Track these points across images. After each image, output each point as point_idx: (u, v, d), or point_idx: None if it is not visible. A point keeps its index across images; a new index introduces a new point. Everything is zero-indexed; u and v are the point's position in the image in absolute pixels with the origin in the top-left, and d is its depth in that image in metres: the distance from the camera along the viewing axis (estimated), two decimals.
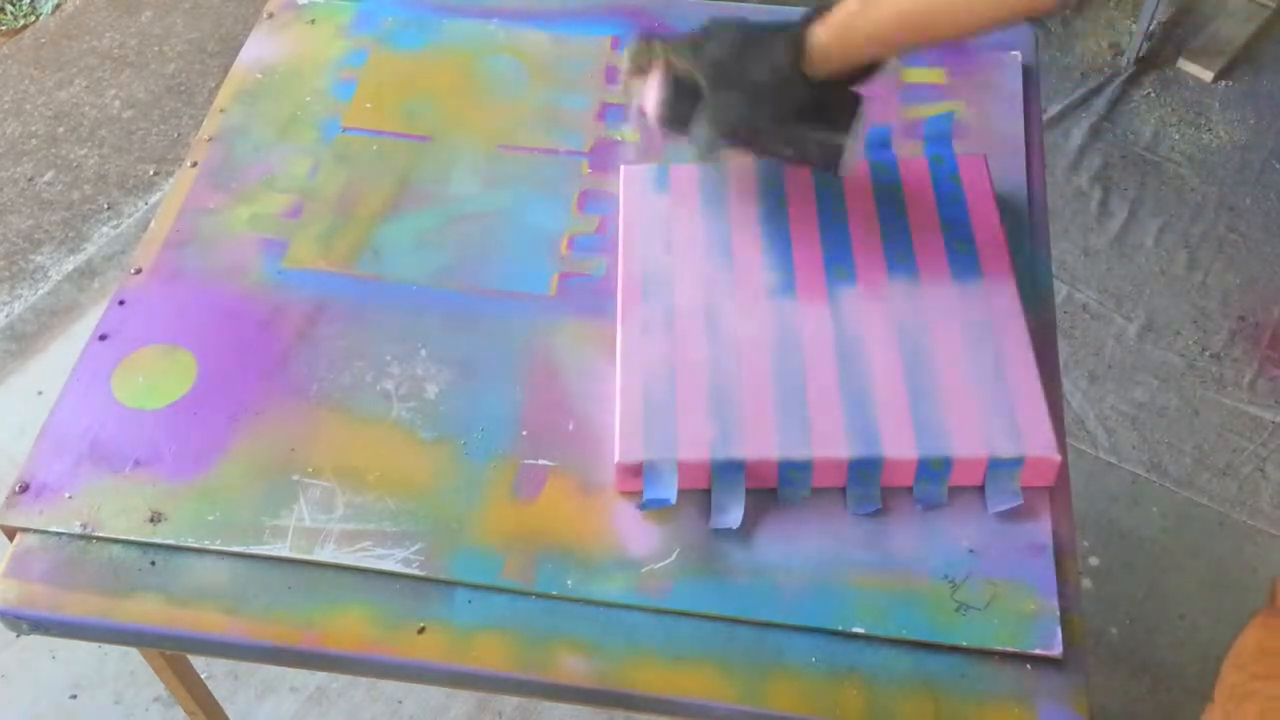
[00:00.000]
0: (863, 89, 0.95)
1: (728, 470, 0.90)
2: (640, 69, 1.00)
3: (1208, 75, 2.36)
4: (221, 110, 1.22)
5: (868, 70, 0.94)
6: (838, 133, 0.95)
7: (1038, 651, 0.84)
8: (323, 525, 0.92)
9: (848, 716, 0.82)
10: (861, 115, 0.95)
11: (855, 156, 0.96)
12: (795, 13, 0.92)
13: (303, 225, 1.11)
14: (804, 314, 0.99)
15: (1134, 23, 2.43)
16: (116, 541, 0.92)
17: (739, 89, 0.93)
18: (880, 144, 1.14)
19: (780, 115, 0.94)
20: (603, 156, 1.16)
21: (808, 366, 0.95)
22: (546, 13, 1.30)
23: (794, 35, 0.91)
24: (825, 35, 0.90)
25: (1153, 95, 2.35)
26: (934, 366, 0.95)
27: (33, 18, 2.55)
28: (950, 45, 1.05)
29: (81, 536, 0.92)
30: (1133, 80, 2.37)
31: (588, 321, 1.03)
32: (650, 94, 0.99)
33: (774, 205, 1.07)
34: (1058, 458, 0.90)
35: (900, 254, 1.03)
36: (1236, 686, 0.84)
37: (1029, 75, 1.22)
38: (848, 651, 0.85)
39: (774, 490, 0.92)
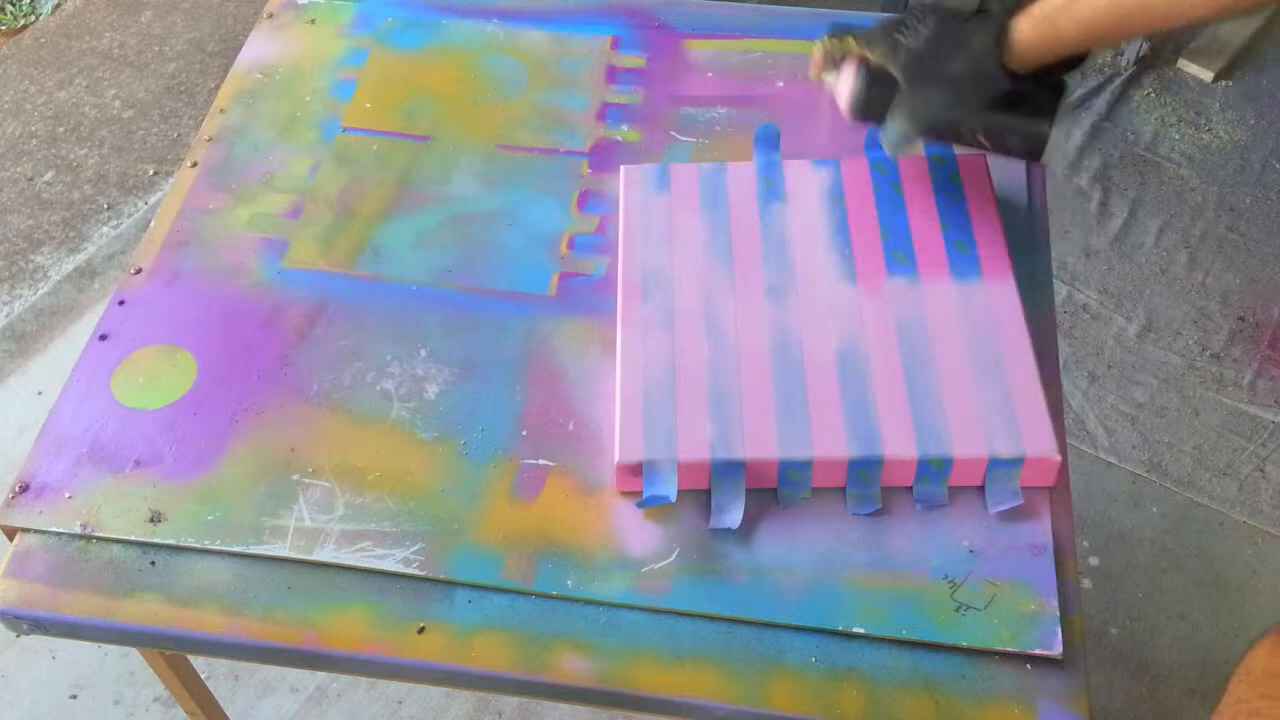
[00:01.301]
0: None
1: (728, 470, 0.90)
2: (832, 61, 1.01)
3: (1208, 75, 2.36)
4: (221, 110, 1.22)
5: (1071, 60, 0.93)
6: (1040, 121, 0.95)
7: (1038, 651, 0.84)
8: (323, 525, 0.92)
9: (848, 716, 0.82)
10: (1065, 103, 0.94)
11: (1056, 144, 0.96)
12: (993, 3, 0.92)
13: (303, 225, 1.11)
14: (804, 314, 0.99)
15: None
16: (116, 541, 0.92)
17: (938, 81, 0.93)
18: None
19: (980, 106, 0.94)
20: (603, 156, 1.16)
21: (808, 366, 0.95)
22: (546, 13, 1.30)
23: (995, 27, 0.90)
24: (1029, 28, 0.89)
25: (1153, 95, 2.35)
26: (934, 366, 0.95)
27: (33, 18, 2.55)
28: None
29: (81, 536, 0.92)
30: (1133, 80, 2.37)
31: (588, 321, 1.03)
32: (843, 86, 1.00)
33: (774, 205, 1.07)
34: (1058, 458, 0.90)
35: (900, 254, 1.03)
36: (1243, 703, 0.85)
37: None
38: (848, 651, 0.85)
39: (774, 490, 0.92)
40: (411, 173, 1.15)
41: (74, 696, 1.60)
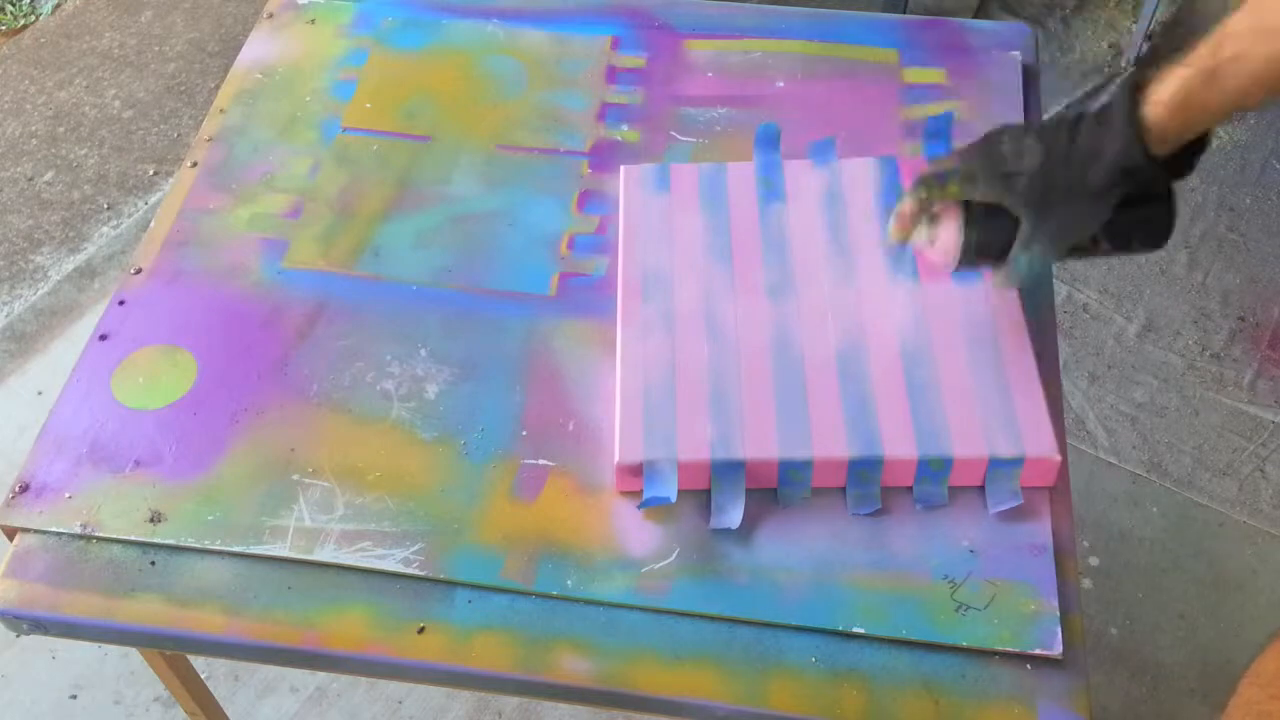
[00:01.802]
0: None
1: (728, 470, 0.90)
2: (924, 209, 0.91)
3: None
4: (221, 110, 1.22)
5: (1195, 141, 0.82)
6: (1167, 211, 0.84)
7: (1038, 651, 0.84)
8: (323, 525, 0.92)
9: (848, 716, 0.82)
10: (1178, 184, 0.84)
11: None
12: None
13: (303, 225, 1.11)
14: (804, 314, 0.99)
15: (1134, 23, 2.43)
16: (116, 541, 0.92)
17: (1074, 197, 0.83)
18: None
19: (1108, 211, 0.83)
20: (603, 156, 1.16)
21: (808, 366, 0.95)
22: (546, 13, 1.30)
23: (1125, 123, 0.80)
24: (1164, 115, 0.79)
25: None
26: (934, 366, 0.95)
27: (33, 18, 2.55)
28: None
29: (81, 536, 0.92)
30: None
31: (588, 321, 1.03)
32: (945, 237, 0.90)
33: (774, 205, 1.07)
34: (1058, 458, 0.90)
35: (900, 254, 1.02)
36: (1253, 704, 0.85)
37: (1029, 75, 1.22)
38: (848, 651, 0.85)
39: (774, 490, 0.92)
40: (411, 173, 1.15)
41: (74, 696, 1.60)
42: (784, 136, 1.13)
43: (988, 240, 0.89)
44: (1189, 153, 0.83)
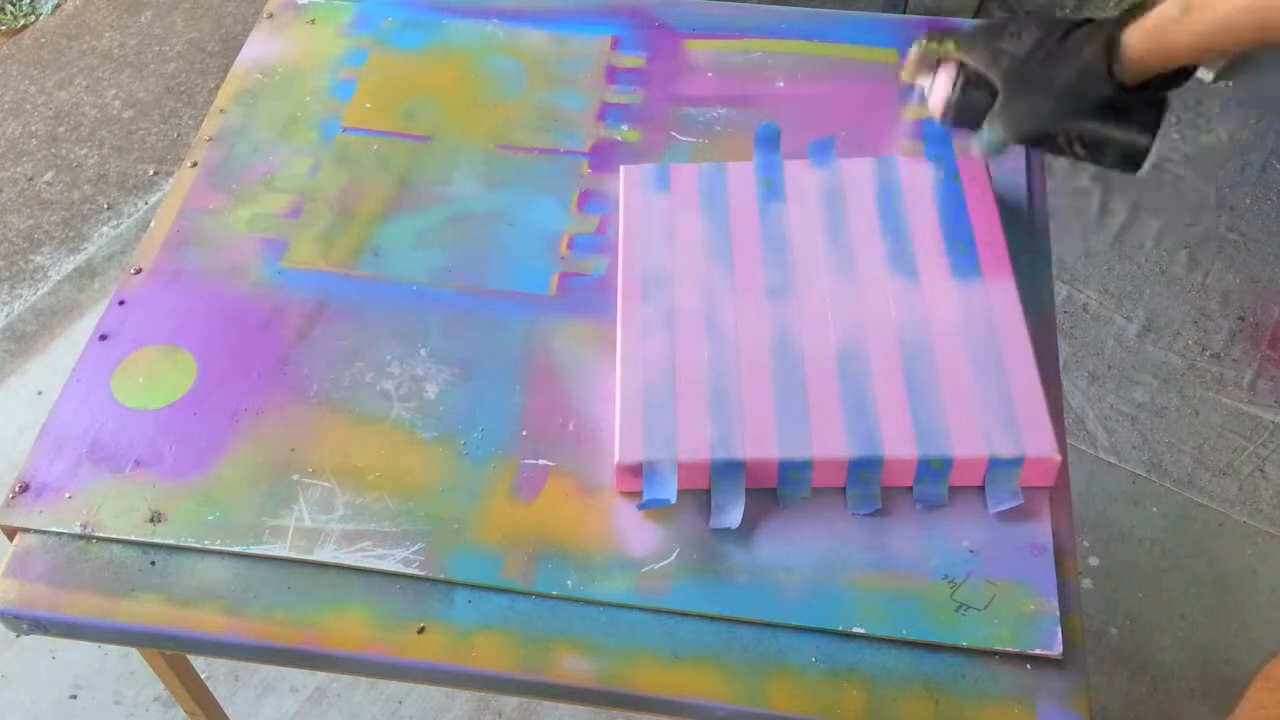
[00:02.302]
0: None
1: (728, 470, 0.90)
2: (927, 63, 1.01)
3: (1208, 75, 2.36)
4: (221, 110, 1.22)
5: (1175, 76, 0.91)
6: (1142, 134, 0.93)
7: (1038, 651, 0.84)
8: (323, 525, 0.92)
9: (848, 716, 0.82)
10: (1165, 116, 0.93)
11: (1153, 156, 0.94)
12: (1098, 14, 0.90)
13: (303, 225, 1.11)
14: (804, 314, 0.99)
15: None
16: (116, 541, 0.92)
17: (1041, 89, 0.92)
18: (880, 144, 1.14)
19: (1082, 116, 0.93)
20: (603, 156, 1.16)
21: (808, 366, 0.95)
22: (546, 13, 1.30)
23: (1104, 36, 0.88)
24: (1140, 40, 0.87)
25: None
26: (934, 366, 0.95)
27: (33, 18, 2.55)
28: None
29: (81, 536, 0.92)
30: None
31: (588, 321, 1.03)
32: (939, 89, 0.99)
33: (774, 205, 1.07)
34: (1058, 458, 0.90)
35: (900, 254, 1.03)
36: (1262, 709, 0.85)
37: None
38: (848, 651, 0.85)
39: (774, 490, 0.92)
40: (411, 173, 1.15)
41: (74, 696, 1.60)
42: (784, 136, 1.13)
43: (969, 103, 0.97)
44: (1167, 86, 0.91)
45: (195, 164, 1.17)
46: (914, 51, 1.02)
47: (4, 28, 2.53)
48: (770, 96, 1.21)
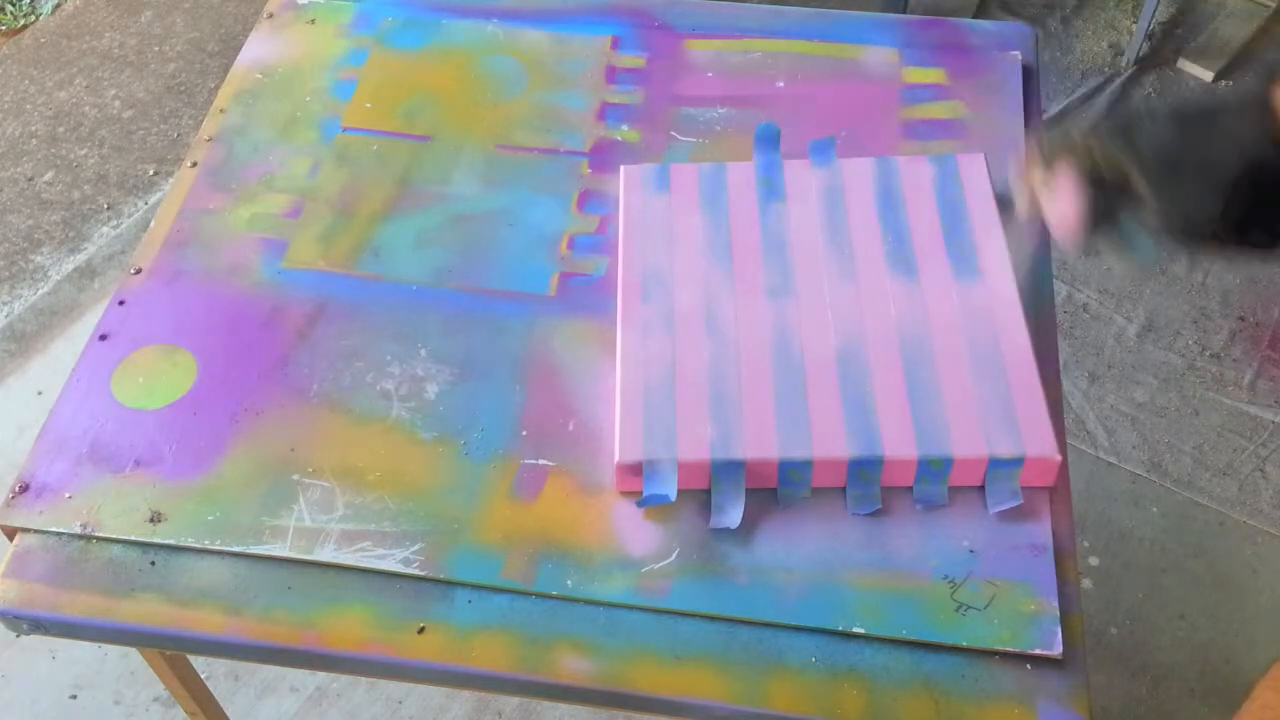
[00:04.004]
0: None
1: (728, 470, 0.90)
2: (1047, 164, 0.86)
3: (1208, 75, 2.36)
4: (221, 110, 1.22)
5: None
6: None
7: (1038, 651, 0.84)
8: (323, 525, 0.92)
9: (848, 716, 0.82)
10: None
11: None
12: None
13: (303, 225, 1.11)
14: (804, 314, 0.99)
15: (1134, 23, 2.43)
16: (116, 541, 0.92)
17: (1198, 178, 0.78)
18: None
19: (1248, 196, 0.78)
20: (603, 156, 1.16)
21: (808, 366, 0.95)
22: (546, 13, 1.30)
23: (1258, 105, 0.77)
24: None
25: (1153, 95, 2.35)
26: (934, 366, 0.95)
27: (33, 18, 2.55)
28: None
29: (81, 536, 0.92)
30: (1133, 80, 2.37)
31: (588, 321, 1.03)
32: (1065, 196, 0.84)
33: (774, 205, 1.07)
34: (1058, 458, 0.90)
35: (900, 254, 1.03)
36: (1268, 709, 0.85)
37: (1029, 75, 1.22)
38: (848, 651, 0.85)
39: (774, 490, 0.92)
40: (411, 173, 1.15)
41: (74, 696, 1.60)
42: (784, 136, 1.13)
43: (1106, 206, 0.84)
44: None
45: (195, 164, 1.17)
46: (1026, 151, 0.88)
47: (4, 28, 2.53)
48: (770, 96, 1.21)
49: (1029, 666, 0.84)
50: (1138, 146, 0.81)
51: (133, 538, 0.91)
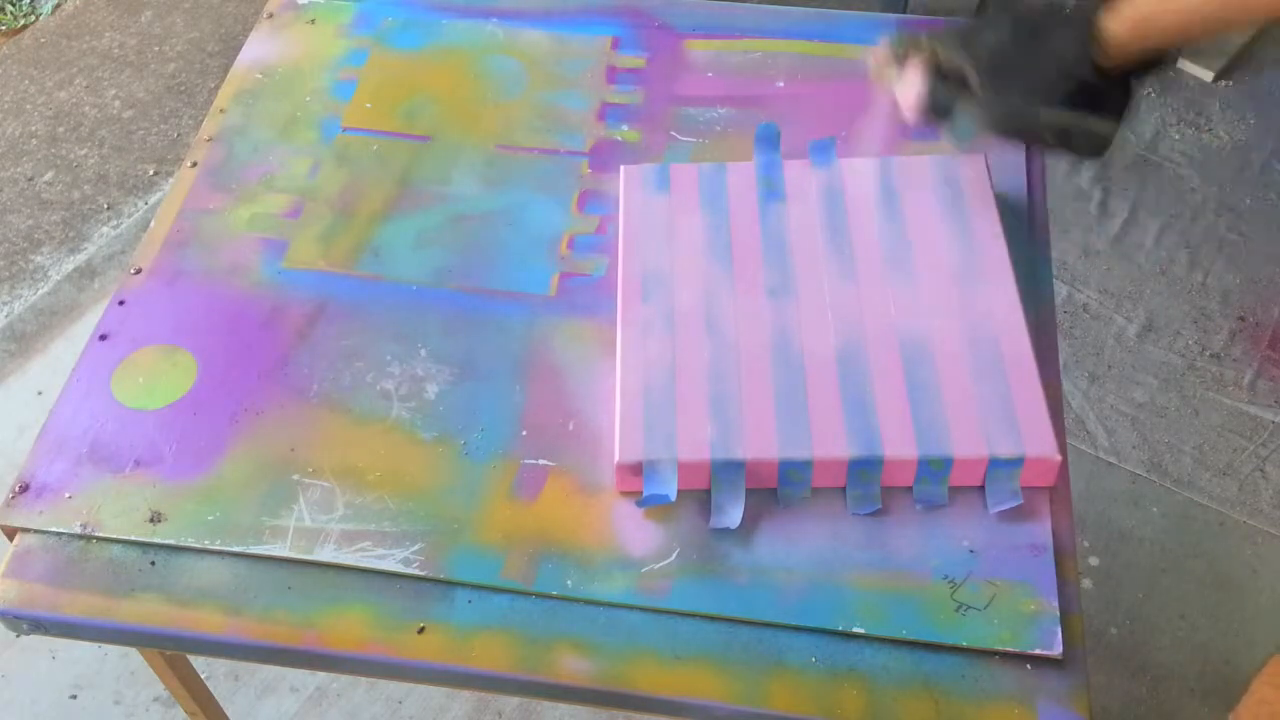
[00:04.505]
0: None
1: (728, 470, 0.90)
2: (898, 59, 1.00)
3: (1208, 75, 2.36)
4: (221, 110, 1.22)
5: (1147, 62, 0.90)
6: (1112, 120, 0.92)
7: (1038, 651, 0.84)
8: (323, 525, 0.92)
9: (848, 716, 0.82)
10: (1135, 102, 0.93)
11: (1119, 143, 0.95)
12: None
13: (303, 225, 1.11)
14: (804, 314, 0.99)
15: None
16: (116, 541, 0.92)
17: (1017, 78, 0.91)
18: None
19: (1058, 104, 0.91)
20: (603, 156, 1.16)
21: (808, 366, 0.95)
22: (546, 13, 1.30)
23: (1083, 25, 0.88)
24: (1119, 27, 0.87)
25: (1153, 95, 2.35)
26: (934, 366, 0.95)
27: (33, 18, 2.55)
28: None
29: (81, 536, 0.92)
30: None
31: (588, 321, 1.03)
32: (909, 83, 0.98)
33: (774, 204, 1.07)
34: (1058, 458, 0.90)
35: (900, 254, 1.03)
36: (1265, 704, 0.85)
37: None
38: (848, 651, 0.85)
39: (774, 490, 0.92)
40: (411, 173, 1.15)
41: (74, 696, 1.60)
42: (784, 136, 1.13)
43: (941, 96, 0.97)
44: (1143, 71, 0.91)
45: (195, 164, 1.17)
46: (882, 47, 1.01)
47: (4, 28, 2.53)
48: (770, 96, 1.21)
49: (1029, 666, 0.84)
50: (975, 51, 0.94)
51: (133, 538, 0.91)
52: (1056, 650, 0.83)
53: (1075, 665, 0.84)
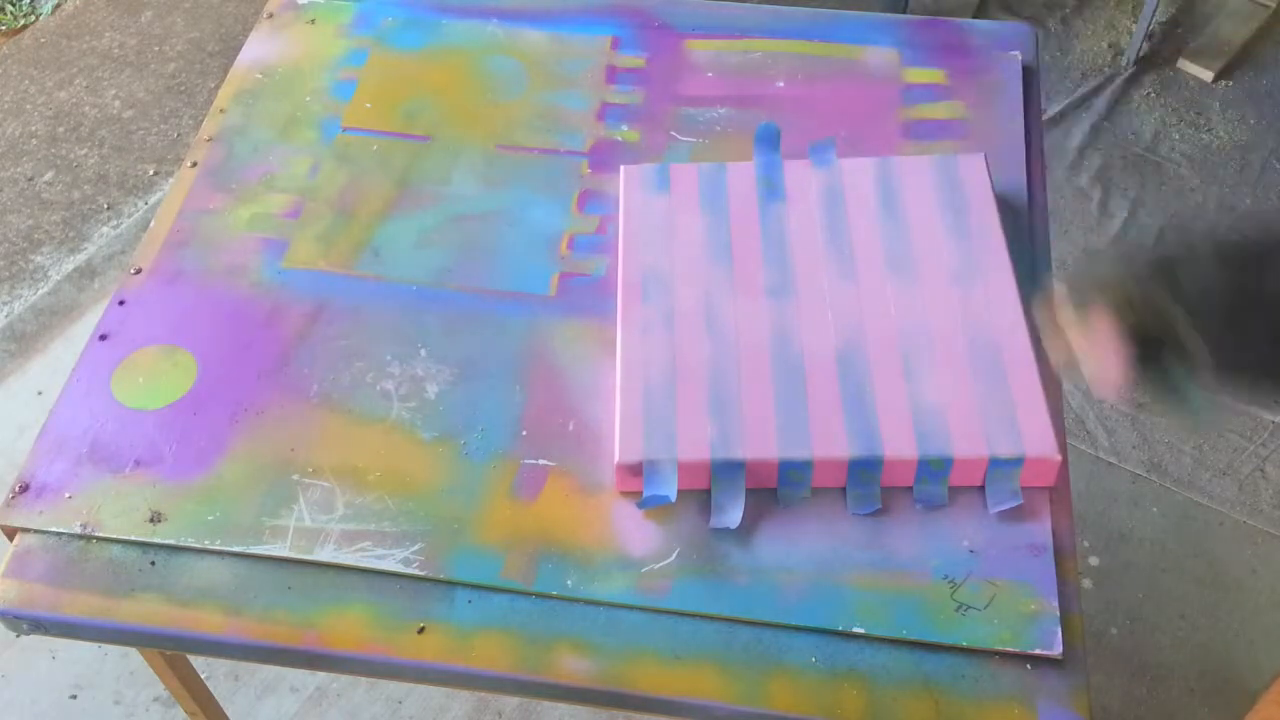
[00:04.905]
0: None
1: (728, 470, 0.90)
2: (1078, 305, 0.76)
3: (1208, 75, 2.36)
4: (221, 110, 1.22)
5: None
6: None
7: (1038, 651, 0.84)
8: (323, 525, 0.92)
9: (848, 716, 0.82)
10: None
11: None
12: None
13: (303, 225, 1.11)
14: (804, 314, 0.99)
15: (1134, 23, 2.43)
16: (116, 541, 0.92)
17: (1254, 325, 0.70)
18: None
19: None
20: (603, 156, 1.16)
21: (808, 366, 0.95)
22: (546, 13, 1.30)
23: None
24: None
25: (1153, 95, 2.35)
26: (934, 366, 0.95)
27: (33, 18, 2.55)
28: None
29: (81, 536, 0.92)
30: (1133, 80, 2.37)
31: (588, 321, 1.03)
32: (1102, 342, 0.74)
33: (774, 205, 1.07)
34: (1058, 458, 0.90)
35: (900, 254, 1.03)
36: None
37: (1029, 75, 1.22)
38: (848, 651, 0.85)
39: (774, 490, 0.92)
40: (411, 173, 1.15)
41: (74, 696, 1.60)
42: (784, 136, 1.13)
43: (1152, 360, 0.74)
44: None
45: (195, 164, 1.17)
46: (1058, 301, 0.78)
47: (4, 28, 2.53)
48: (770, 96, 1.21)
49: (1029, 666, 0.84)
50: (1183, 291, 0.71)
51: (133, 538, 0.91)
52: (1056, 650, 0.83)
53: (1075, 665, 0.84)
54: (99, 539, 0.92)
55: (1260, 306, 0.70)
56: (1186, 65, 2.38)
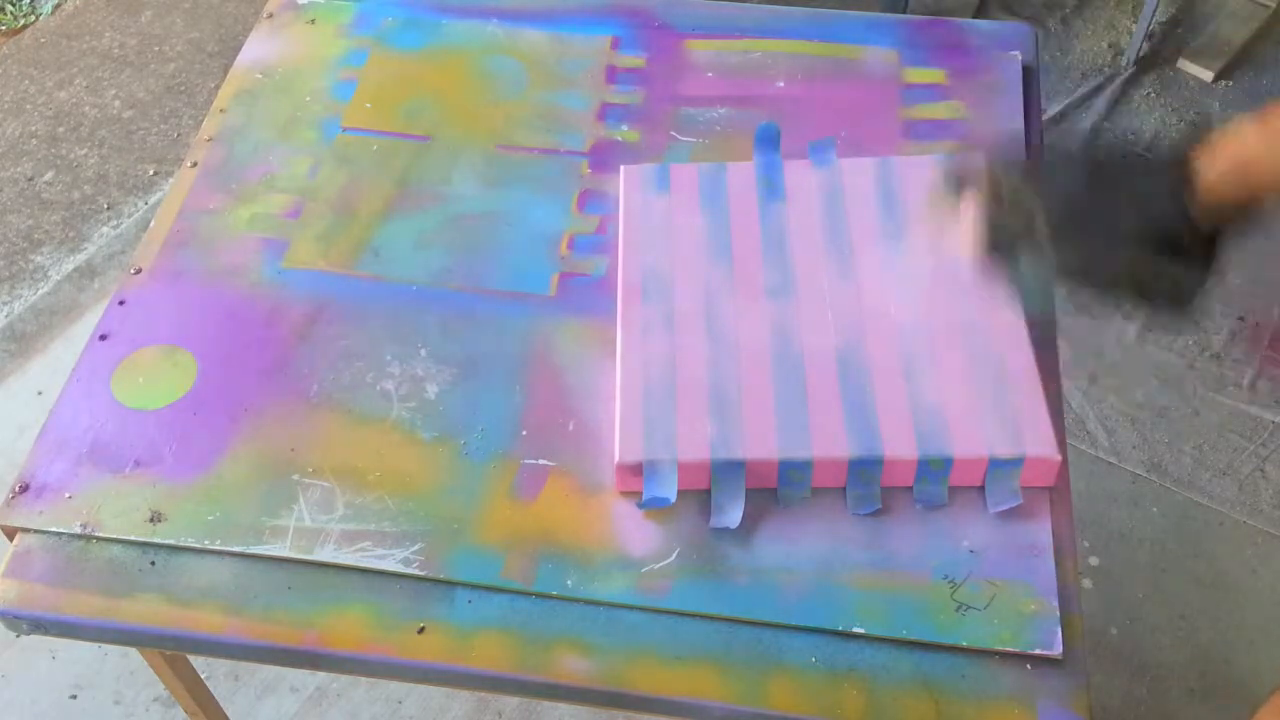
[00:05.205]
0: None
1: (728, 470, 0.90)
2: (955, 186, 0.87)
3: (1208, 75, 2.35)
4: (221, 110, 1.22)
5: (1243, 212, 0.80)
6: (1200, 271, 0.80)
7: (1038, 651, 0.84)
8: (323, 525, 0.92)
9: (848, 716, 0.82)
10: (1223, 250, 0.81)
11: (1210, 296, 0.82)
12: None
13: (303, 225, 1.11)
14: (804, 314, 0.99)
15: (1134, 23, 2.42)
16: (116, 541, 0.92)
17: (1094, 224, 0.79)
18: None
19: (1140, 256, 0.79)
20: (603, 156, 1.16)
21: (808, 366, 0.95)
22: (546, 13, 1.30)
23: (1174, 169, 0.77)
24: (1217, 172, 0.77)
25: (1153, 95, 2.35)
26: (934, 366, 0.95)
27: (33, 18, 2.55)
28: None
29: (81, 536, 0.92)
30: (1133, 80, 2.37)
31: (588, 321, 1.03)
32: (969, 214, 0.86)
33: (774, 205, 1.07)
34: (1058, 458, 0.90)
35: (900, 254, 1.02)
36: None
37: (1029, 75, 1.22)
38: (848, 651, 0.85)
39: (774, 490, 0.92)
40: (411, 173, 1.15)
41: (74, 696, 1.60)
42: (784, 136, 1.13)
43: (1005, 234, 0.84)
44: (1234, 220, 0.80)
45: (195, 164, 1.17)
46: (946, 169, 0.89)
47: (4, 28, 2.53)
48: (770, 96, 1.21)
49: (1029, 666, 0.84)
50: (1047, 191, 0.80)
51: (133, 538, 0.91)
52: (1056, 650, 0.83)
53: (1075, 665, 0.84)
54: (99, 539, 0.92)
55: (1117, 219, 0.77)
56: (1186, 65, 2.38)
